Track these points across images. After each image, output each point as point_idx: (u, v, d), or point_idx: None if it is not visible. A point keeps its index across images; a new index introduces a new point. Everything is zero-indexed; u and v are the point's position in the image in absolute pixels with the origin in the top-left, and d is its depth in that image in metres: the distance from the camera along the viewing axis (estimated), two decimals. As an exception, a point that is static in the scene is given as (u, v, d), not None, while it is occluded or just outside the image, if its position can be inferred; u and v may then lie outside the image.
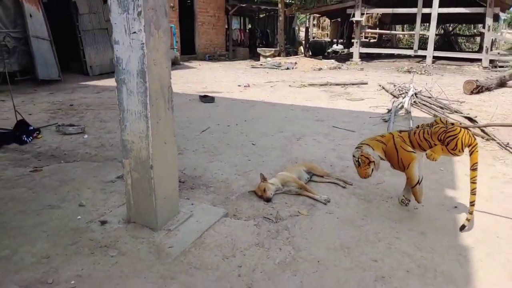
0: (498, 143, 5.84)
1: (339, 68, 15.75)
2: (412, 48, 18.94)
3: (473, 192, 3.33)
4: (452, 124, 3.53)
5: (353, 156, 3.72)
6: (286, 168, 4.52)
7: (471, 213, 3.36)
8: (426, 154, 3.47)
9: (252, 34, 24.66)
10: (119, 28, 2.65)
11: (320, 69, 15.21)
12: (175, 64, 14.85)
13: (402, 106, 8.11)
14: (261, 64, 16.26)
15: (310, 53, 21.46)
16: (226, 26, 21.82)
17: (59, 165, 4.73)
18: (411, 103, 8.33)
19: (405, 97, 8.77)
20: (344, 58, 19.41)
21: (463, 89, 10.25)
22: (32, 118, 6.56)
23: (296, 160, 5.05)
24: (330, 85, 11.28)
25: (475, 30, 31.90)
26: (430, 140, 3.40)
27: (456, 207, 3.85)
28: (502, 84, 11.34)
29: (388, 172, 4.68)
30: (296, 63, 15.81)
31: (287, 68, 15.18)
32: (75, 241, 3.08)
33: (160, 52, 2.78)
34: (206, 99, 8.68)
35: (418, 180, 3.51)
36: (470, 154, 3.32)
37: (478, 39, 28.96)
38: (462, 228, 3.36)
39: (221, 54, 20.19)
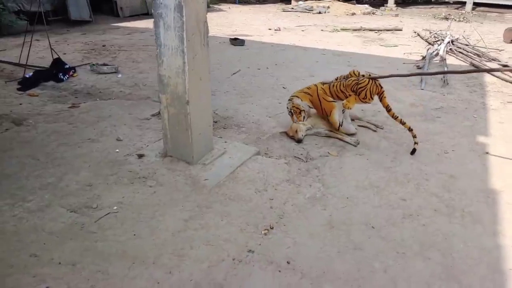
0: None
1: (373, 13, 15.04)
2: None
3: (402, 122, 3.80)
4: (363, 76, 3.90)
5: (286, 107, 4.24)
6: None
7: (414, 136, 3.77)
8: (342, 104, 3.90)
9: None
10: (156, -40, 2.62)
11: (353, 14, 14.57)
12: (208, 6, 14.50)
13: (437, 53, 7.78)
14: (292, 8, 15.68)
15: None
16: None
17: (95, 102, 4.89)
18: (446, 51, 7.98)
19: (440, 44, 8.38)
20: (379, 3, 18.42)
21: (503, 37, 9.67)
22: (67, 58, 6.69)
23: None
24: (363, 30, 10.86)
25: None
26: (345, 92, 3.88)
27: (487, 152, 3.82)
28: (548, 32, 10.63)
29: (421, 118, 4.64)
30: (328, 7, 15.18)
31: (319, 12, 14.63)
32: (114, 172, 3.26)
33: (196, -15, 2.74)
34: (236, 42, 8.57)
35: (340, 123, 3.99)
36: (380, 100, 3.84)
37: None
38: (413, 152, 3.71)
39: (251, -3, 19.52)
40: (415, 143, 3.76)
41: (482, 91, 5.76)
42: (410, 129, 3.79)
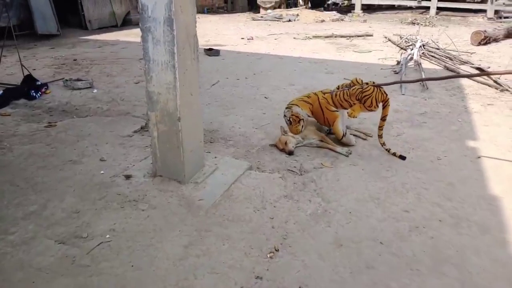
0: (513, 93, 5.76)
1: (342, 20, 15.27)
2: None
3: (380, 136, 3.87)
4: (367, 83, 3.83)
5: (285, 116, 4.04)
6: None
7: (387, 150, 3.84)
8: (347, 113, 3.86)
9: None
10: (144, -29, 2.46)
11: (322, 21, 14.74)
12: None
13: (412, 58, 7.92)
14: (261, 16, 15.72)
15: (310, 5, 20.74)
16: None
17: (72, 120, 4.63)
18: (419, 55, 8.14)
19: (413, 49, 8.54)
20: (345, 10, 18.79)
21: (470, 40, 10.00)
22: (38, 73, 6.35)
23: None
24: (335, 37, 10.97)
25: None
26: (349, 100, 3.80)
27: (479, 157, 3.83)
28: (509, 35, 11.08)
29: (407, 124, 4.64)
30: (298, 15, 15.30)
31: (289, 20, 14.70)
32: (102, 195, 3.04)
33: (186, -3, 2.60)
34: (211, 52, 8.43)
35: (343, 133, 3.92)
36: (383, 108, 3.81)
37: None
38: (403, 157, 3.73)
39: (219, 7, 19.47)
40: (393, 154, 3.80)
41: (461, 94, 5.87)
42: (383, 144, 3.88)
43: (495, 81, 6.24)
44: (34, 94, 5.23)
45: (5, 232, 2.59)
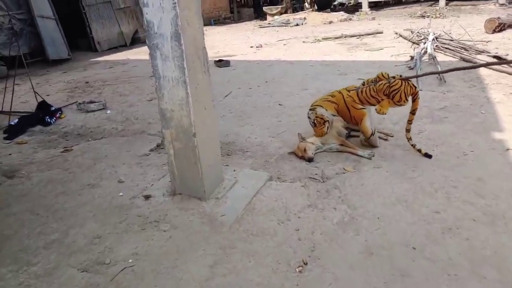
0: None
1: (350, 19, 15.14)
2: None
3: (408, 131, 3.74)
4: (394, 77, 3.67)
5: (309, 117, 3.90)
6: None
7: (413, 145, 3.73)
8: (376, 109, 3.67)
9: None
10: (148, -13, 2.42)
11: (330, 22, 14.64)
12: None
13: (426, 52, 7.74)
14: (269, 23, 15.71)
15: (316, 8, 20.69)
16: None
17: (88, 143, 4.63)
18: (433, 48, 7.95)
19: (426, 42, 8.36)
20: (352, 9, 18.65)
21: (484, 28, 9.75)
22: (51, 99, 6.42)
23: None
24: (345, 37, 10.85)
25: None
26: (377, 97, 3.64)
27: (508, 149, 3.66)
28: (525, 19, 10.79)
29: (428, 120, 4.49)
30: (305, 18, 15.24)
31: (297, 24, 14.66)
32: (123, 218, 3.00)
33: (192, 11, 2.55)
34: (221, 63, 8.41)
35: (372, 132, 3.75)
36: (413, 101, 3.64)
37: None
38: (429, 156, 3.60)
39: (226, 17, 19.58)
40: (418, 150, 3.69)
41: (481, 85, 5.68)
42: (409, 139, 3.77)
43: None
44: (49, 120, 5.27)
45: (28, 263, 2.56)
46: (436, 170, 3.39)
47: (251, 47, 10.90)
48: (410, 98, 3.62)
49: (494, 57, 7.08)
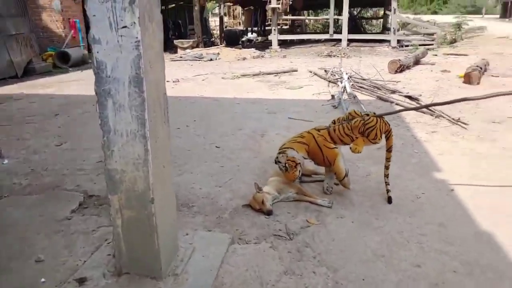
0: (448, 119, 5.99)
1: (263, 56, 15.50)
2: (323, 33, 19.46)
3: (387, 168, 3.60)
4: (367, 115, 3.64)
5: (279, 162, 3.66)
6: (272, 171, 4.03)
7: (387, 184, 3.61)
8: (350, 148, 3.57)
9: (164, 26, 23.30)
10: (100, 21, 1.92)
11: (244, 58, 14.80)
12: (84, 63, 13.35)
13: (345, 91, 8.05)
14: (181, 57, 15.34)
15: (225, 43, 20.96)
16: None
17: (-14, 206, 3.68)
18: (350, 87, 8.33)
19: (342, 81, 8.74)
20: (261, 46, 19.23)
21: (388, 68, 10.63)
22: None
23: (271, 159, 4.60)
24: (262, 74, 10.93)
25: (372, 13, 34.14)
26: (351, 134, 3.55)
27: (452, 190, 3.77)
28: (417, 62, 12.12)
29: (370, 161, 4.48)
30: (218, 53, 15.22)
31: (211, 59, 14.53)
32: (52, 314, 2.29)
33: (154, 50, 2.11)
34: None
35: (346, 172, 3.58)
36: (387, 139, 3.56)
37: (375, 21, 31.14)
38: (390, 201, 3.52)
39: (132, 50, 18.73)
40: (388, 190, 3.58)
41: (404, 123, 5.98)
42: (386, 176, 3.62)
43: (428, 109, 6.46)
44: None
45: None
46: (398, 217, 3.30)
47: (168, 81, 10.35)
48: (383, 137, 3.55)
49: (406, 96, 7.61)
